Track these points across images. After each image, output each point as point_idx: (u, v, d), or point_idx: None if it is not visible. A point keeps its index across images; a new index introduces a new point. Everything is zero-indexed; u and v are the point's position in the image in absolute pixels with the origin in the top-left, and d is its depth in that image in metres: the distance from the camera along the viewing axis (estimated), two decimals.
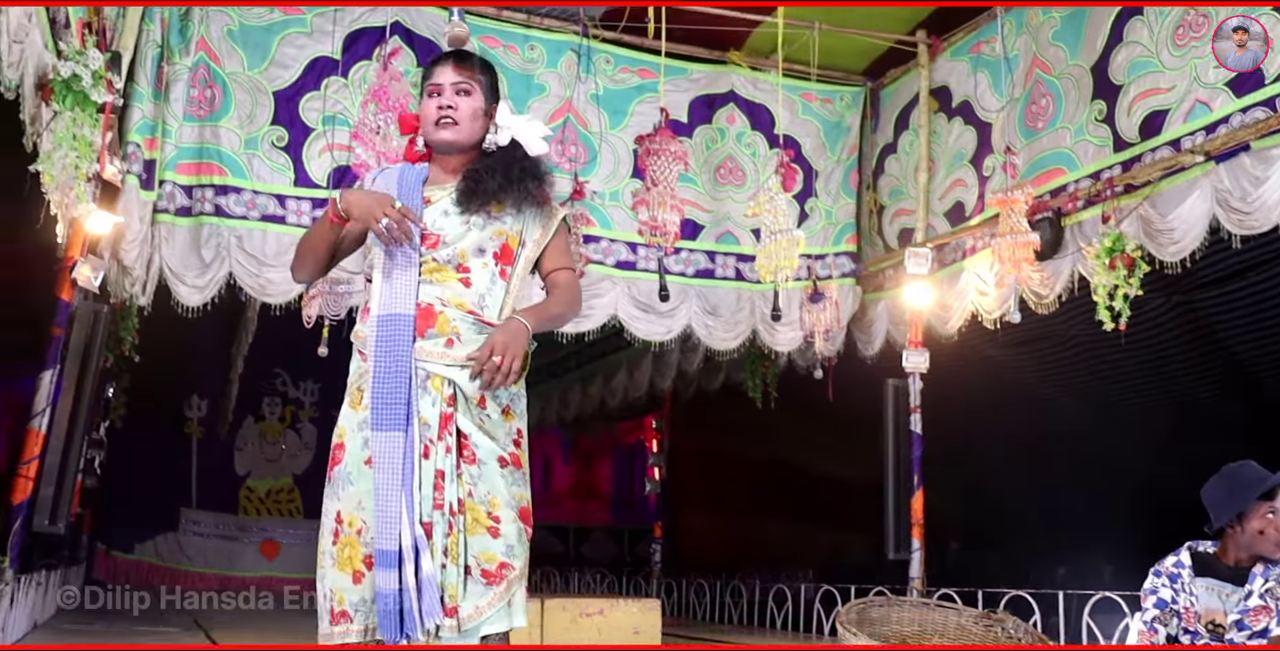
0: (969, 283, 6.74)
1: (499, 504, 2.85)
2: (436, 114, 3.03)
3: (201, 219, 6.36)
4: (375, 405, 2.79)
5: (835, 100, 7.74)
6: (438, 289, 2.91)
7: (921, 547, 6.96)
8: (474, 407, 2.89)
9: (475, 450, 2.86)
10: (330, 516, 2.84)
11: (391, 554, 2.71)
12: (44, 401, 5.52)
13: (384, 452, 2.77)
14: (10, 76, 4.07)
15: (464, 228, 2.97)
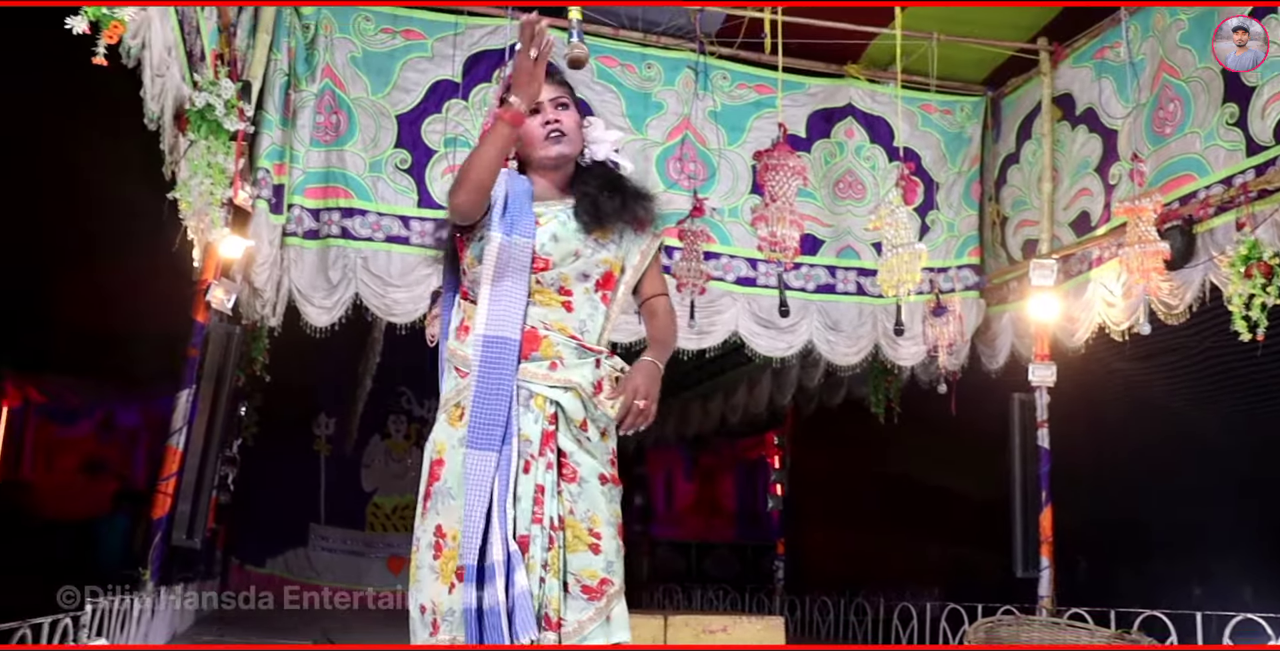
0: (1096, 294, 6.58)
1: (600, 520, 2.88)
2: (545, 129, 3.05)
3: (328, 241, 6.51)
4: (473, 424, 2.82)
5: (955, 111, 7.64)
6: (541, 311, 2.94)
7: (1051, 565, 6.80)
8: (575, 428, 2.92)
9: (576, 468, 2.89)
10: (431, 531, 2.87)
11: (471, 568, 2.74)
12: (181, 420, 5.68)
13: (475, 471, 2.79)
14: (153, 109, 4.21)
15: (572, 254, 2.99)
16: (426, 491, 2.93)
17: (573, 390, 2.91)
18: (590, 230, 3.02)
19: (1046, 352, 6.97)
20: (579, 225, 3.03)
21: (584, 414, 2.93)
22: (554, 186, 3.12)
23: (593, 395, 2.93)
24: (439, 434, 2.96)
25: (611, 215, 3.03)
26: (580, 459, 2.90)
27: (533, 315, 2.93)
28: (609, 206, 3.03)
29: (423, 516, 2.91)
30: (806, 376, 9.01)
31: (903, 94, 7.21)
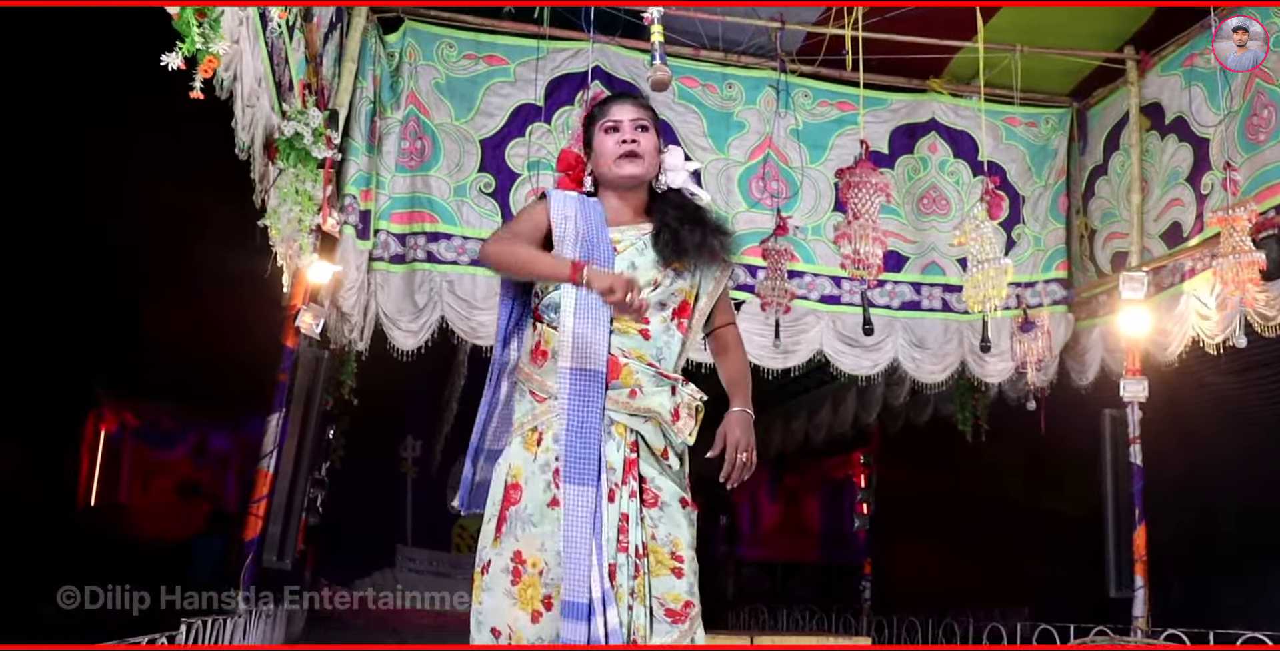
0: (1189, 306, 6.44)
1: (681, 544, 2.88)
2: (620, 149, 3.05)
3: (414, 265, 6.57)
4: (568, 457, 2.81)
5: (1040, 123, 7.54)
6: (620, 339, 2.94)
7: (1145, 585, 6.63)
8: (657, 456, 2.92)
9: (658, 492, 2.89)
10: (508, 556, 2.86)
11: (582, 606, 2.73)
12: (271, 443, 5.73)
13: (575, 505, 2.79)
14: (243, 139, 4.28)
15: (651, 284, 2.99)
16: (501, 514, 2.92)
17: (652, 419, 2.91)
18: (668, 262, 3.02)
19: (1138, 367, 6.82)
20: (657, 255, 3.03)
21: (664, 442, 2.93)
22: (628, 208, 3.12)
23: (671, 422, 2.93)
24: (514, 457, 2.96)
25: (691, 250, 3.03)
26: (661, 483, 2.90)
27: (612, 343, 2.93)
28: (689, 241, 3.03)
29: (496, 538, 2.90)
30: (892, 394, 8.92)
31: (986, 107, 7.13)
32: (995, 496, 10.09)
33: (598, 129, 3.12)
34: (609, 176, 3.10)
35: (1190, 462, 7.51)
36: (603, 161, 3.09)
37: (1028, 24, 6.84)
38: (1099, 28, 6.99)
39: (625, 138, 3.06)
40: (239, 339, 7.77)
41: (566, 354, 2.89)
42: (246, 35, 3.58)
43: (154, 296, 9.25)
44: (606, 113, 3.13)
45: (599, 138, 3.11)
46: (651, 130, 3.12)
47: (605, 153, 3.08)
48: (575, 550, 2.76)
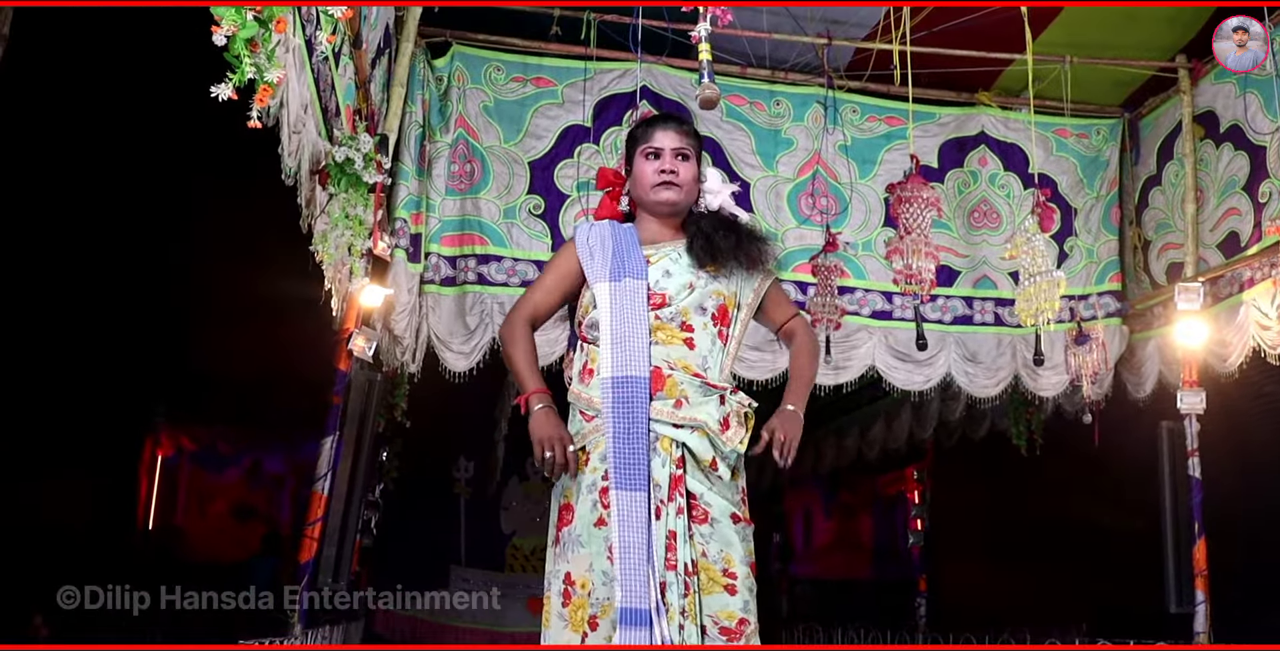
0: (1249, 316, 6.34)
1: (734, 561, 2.87)
2: (658, 177, 3.07)
3: (465, 288, 6.60)
4: (616, 465, 2.82)
5: (1091, 134, 7.47)
6: (664, 350, 2.95)
7: (1206, 600, 6.51)
8: (705, 469, 2.90)
9: (707, 509, 2.89)
10: (560, 578, 2.87)
11: (644, 612, 2.70)
12: (325, 466, 5.75)
13: (628, 512, 2.77)
14: (289, 164, 4.31)
15: (686, 287, 3.00)
16: (556, 536, 2.93)
17: (699, 430, 2.89)
18: (703, 265, 3.02)
19: (1195, 379, 6.72)
20: (691, 259, 3.04)
21: (712, 453, 2.92)
22: (666, 229, 3.13)
23: (719, 433, 2.91)
24: (568, 479, 2.96)
25: (725, 252, 3.05)
26: (710, 499, 2.89)
27: (656, 354, 2.94)
28: (723, 244, 3.06)
29: (554, 561, 2.91)
30: (947, 410, 8.84)
31: (1037, 119, 7.08)
32: (1051, 511, 9.97)
33: (639, 152, 3.14)
34: (646, 202, 3.12)
35: (1250, 474, 7.38)
36: (641, 187, 3.12)
37: (1076, 38, 6.79)
38: (1149, 39, 6.93)
39: (665, 167, 3.08)
40: (292, 363, 7.84)
41: (607, 364, 2.90)
42: (293, 63, 3.61)
43: (208, 322, 9.34)
44: (649, 136, 3.14)
45: (639, 162, 3.13)
46: (692, 159, 3.13)
47: (644, 179, 3.10)
48: (631, 556, 2.74)
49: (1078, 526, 9.66)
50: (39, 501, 9.80)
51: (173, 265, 8.77)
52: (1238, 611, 7.89)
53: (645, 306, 2.96)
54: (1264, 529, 7.56)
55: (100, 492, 11.29)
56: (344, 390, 5.89)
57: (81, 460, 10.34)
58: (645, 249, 3.09)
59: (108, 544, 10.83)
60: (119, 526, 12.08)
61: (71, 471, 10.17)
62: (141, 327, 9.48)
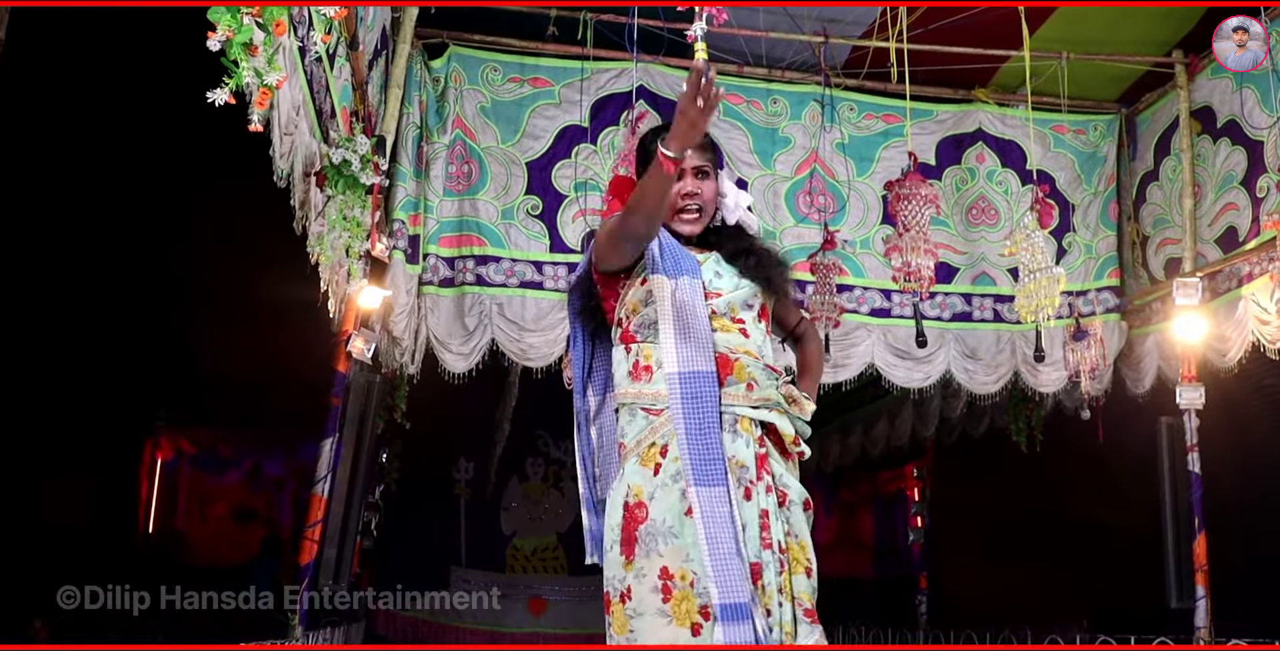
0: (1248, 311, 6.34)
1: (806, 545, 2.88)
2: (681, 203, 3.04)
3: (464, 289, 6.60)
4: (693, 461, 2.78)
5: (1089, 130, 7.47)
6: (724, 338, 2.95)
7: (1207, 595, 6.52)
8: (786, 447, 2.92)
9: (785, 491, 2.88)
10: (654, 574, 2.81)
11: (744, 606, 2.68)
12: (325, 468, 5.75)
13: (710, 507, 2.75)
14: (281, 166, 4.30)
15: (738, 287, 3.01)
16: (628, 536, 2.86)
17: (776, 408, 2.90)
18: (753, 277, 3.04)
19: (1194, 374, 6.73)
20: (736, 267, 3.07)
21: (793, 429, 2.92)
22: (690, 242, 3.14)
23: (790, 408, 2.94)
24: (633, 477, 2.91)
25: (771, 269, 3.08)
26: (789, 481, 2.91)
27: (719, 342, 2.93)
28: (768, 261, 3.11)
29: (629, 562, 2.85)
30: (948, 407, 8.84)
31: (1034, 116, 7.07)
32: (1051, 507, 9.97)
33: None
34: (665, 222, 3.07)
35: (1250, 469, 7.38)
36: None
37: (1073, 34, 6.80)
38: (1145, 34, 6.93)
39: (687, 190, 3.04)
40: (292, 365, 7.83)
41: (673, 360, 2.88)
42: (285, 65, 3.60)
43: (207, 325, 9.33)
44: None
45: None
46: (712, 175, 3.10)
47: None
48: (722, 551, 2.72)
49: (1078, 522, 9.66)
50: (40, 505, 9.81)
51: (172, 268, 8.75)
52: (1238, 606, 7.90)
53: (703, 301, 2.96)
54: (1264, 523, 7.55)
55: (101, 496, 11.31)
56: (343, 392, 5.89)
57: (82, 464, 10.34)
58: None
59: (108, 547, 10.83)
60: (120, 530, 12.09)
61: (72, 475, 10.18)
62: (141, 331, 9.47)
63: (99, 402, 10.11)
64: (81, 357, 9.57)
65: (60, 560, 8.32)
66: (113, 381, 10.11)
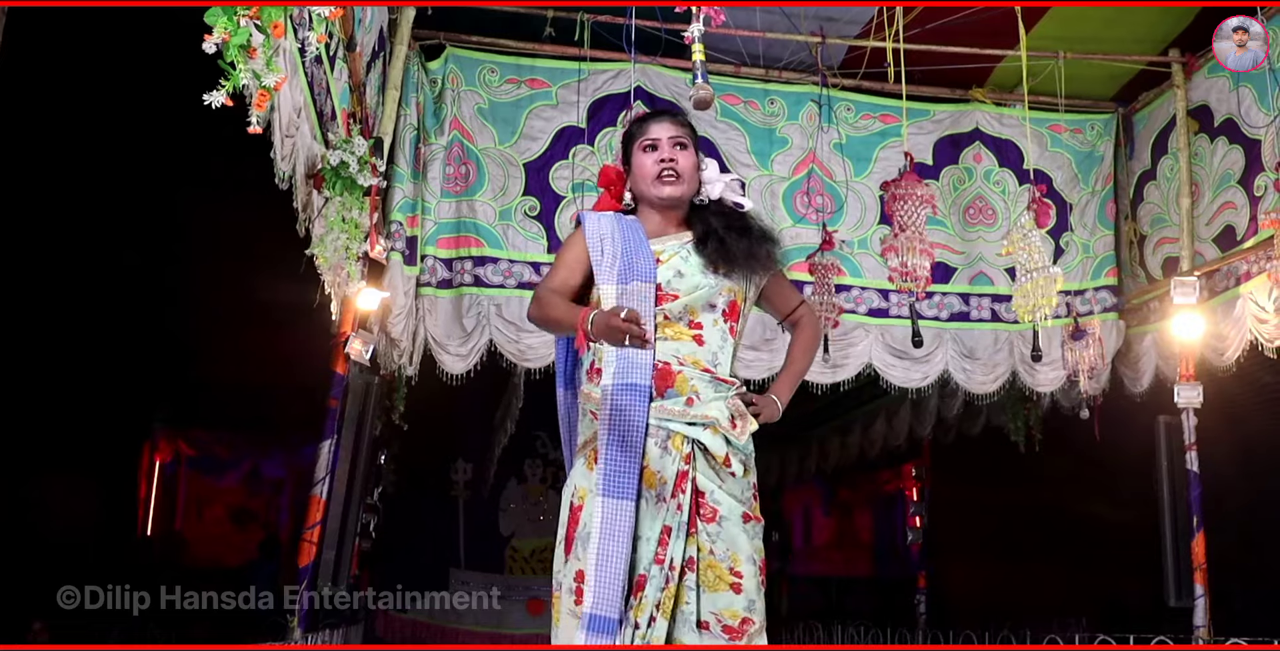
0: (1246, 310, 6.34)
1: (740, 559, 2.86)
2: (657, 168, 3.07)
3: (461, 290, 6.59)
4: (606, 471, 2.81)
5: (1086, 130, 7.47)
6: (674, 346, 2.94)
7: (1206, 594, 6.51)
8: (718, 466, 2.90)
9: (716, 507, 2.88)
10: (572, 577, 2.86)
11: (613, 621, 2.72)
12: (323, 469, 5.75)
13: (612, 520, 2.78)
14: (283, 169, 4.30)
15: (696, 286, 2.99)
16: (568, 535, 2.93)
17: (711, 426, 2.90)
18: (715, 267, 3.02)
19: (1192, 373, 6.73)
20: (702, 260, 3.03)
21: (725, 448, 2.91)
22: (669, 222, 3.14)
23: (731, 428, 2.92)
24: (578, 479, 2.97)
25: (740, 258, 3.04)
26: (720, 497, 2.89)
27: (665, 350, 2.93)
28: (737, 249, 3.03)
29: (564, 561, 2.91)
30: (945, 406, 8.85)
31: (1031, 115, 7.06)
32: (1050, 506, 10.00)
33: (636, 147, 3.14)
34: (648, 196, 3.11)
35: (1249, 468, 7.40)
36: (642, 180, 3.11)
37: (1069, 32, 6.79)
38: (1142, 32, 6.92)
39: (664, 156, 3.08)
40: (290, 367, 7.83)
41: (610, 370, 2.89)
42: (285, 66, 3.60)
43: (205, 327, 9.34)
44: (645, 131, 3.15)
45: (638, 156, 3.13)
46: (690, 147, 3.13)
47: (644, 172, 3.10)
48: (609, 565, 2.75)
49: (1076, 522, 9.69)
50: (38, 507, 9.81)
51: (169, 270, 8.76)
52: (1237, 604, 7.92)
53: (652, 308, 2.95)
54: (1263, 521, 7.58)
55: (99, 498, 11.30)
56: (341, 393, 5.89)
57: (80, 466, 10.35)
58: (653, 244, 3.08)
59: (107, 549, 10.83)
60: (118, 532, 12.08)
61: (70, 477, 10.18)
62: (139, 333, 9.48)
63: (97, 404, 10.12)
64: (80, 359, 9.58)
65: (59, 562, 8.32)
66: (111, 383, 10.12)
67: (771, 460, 12.75)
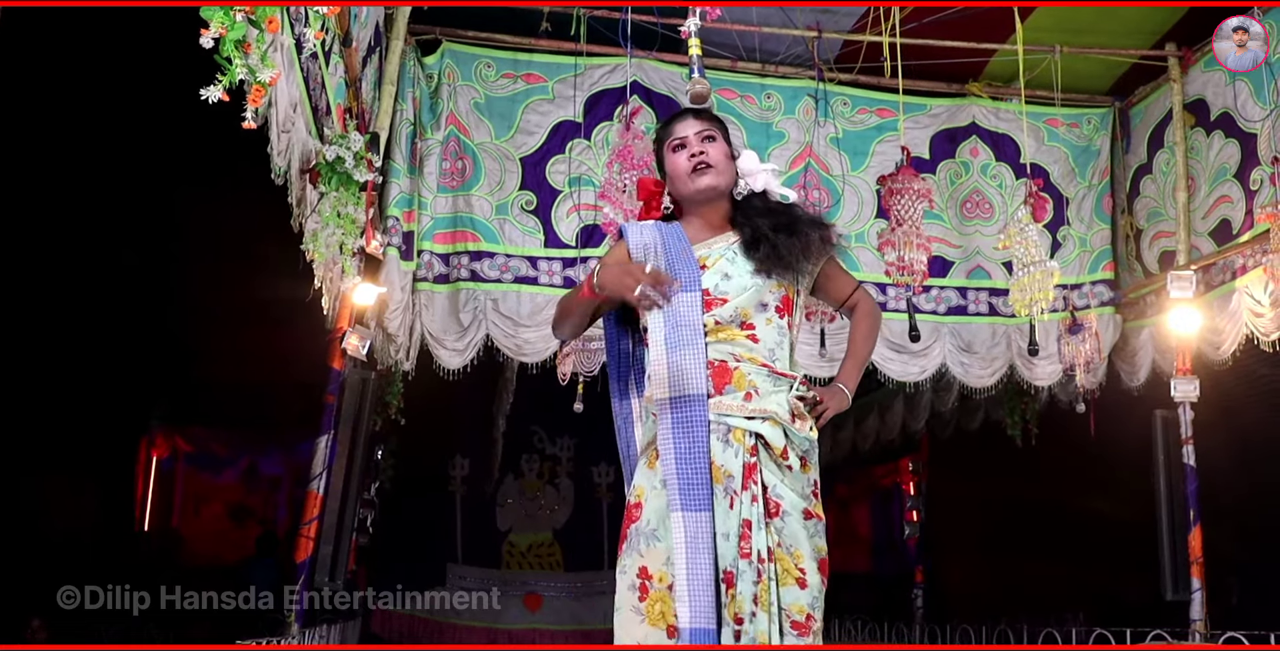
0: (1242, 304, 6.35)
1: (803, 556, 2.85)
2: (690, 163, 3.04)
3: (458, 285, 6.59)
4: (680, 486, 2.79)
5: (1082, 124, 7.47)
6: (728, 347, 2.92)
7: (1202, 588, 6.52)
8: (777, 459, 2.89)
9: (779, 501, 2.87)
10: (632, 573, 2.84)
11: (711, 632, 2.71)
12: (320, 465, 5.75)
13: (694, 534, 2.76)
14: (279, 164, 4.30)
15: (747, 289, 2.97)
16: (623, 533, 2.92)
17: (770, 419, 2.89)
18: (768, 270, 2.99)
19: (1188, 367, 6.73)
20: (752, 262, 3.00)
21: (784, 441, 2.90)
22: (712, 223, 3.10)
23: (790, 421, 2.91)
24: (640, 478, 2.96)
25: (792, 260, 3.00)
26: (782, 491, 2.88)
27: (720, 350, 2.91)
28: (788, 251, 2.99)
29: (622, 556, 2.90)
30: (939, 401, 8.85)
31: (1027, 109, 7.05)
32: (1047, 501, 9.99)
33: (666, 149, 3.12)
34: (686, 192, 3.09)
35: (1245, 461, 7.40)
36: (678, 179, 3.09)
37: (1065, 23, 6.79)
38: (1137, 23, 6.92)
39: (694, 151, 3.06)
40: (287, 363, 7.83)
41: (663, 383, 2.88)
42: (281, 62, 3.60)
43: (201, 324, 9.33)
44: (671, 132, 3.13)
45: (669, 158, 3.11)
46: (719, 139, 3.10)
47: (678, 170, 3.08)
48: (700, 577, 2.74)
49: (1073, 516, 9.69)
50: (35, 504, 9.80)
51: (166, 267, 8.75)
52: (1234, 598, 7.93)
53: (700, 320, 2.92)
54: (1259, 515, 7.59)
55: (96, 495, 11.29)
56: (338, 389, 5.89)
57: (77, 463, 10.34)
58: (697, 250, 3.05)
59: (105, 546, 10.83)
60: (116, 529, 12.08)
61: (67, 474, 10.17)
62: (136, 330, 9.47)
63: (94, 401, 10.10)
64: (76, 357, 9.57)
65: (56, 559, 8.33)
66: (108, 380, 10.11)
67: None
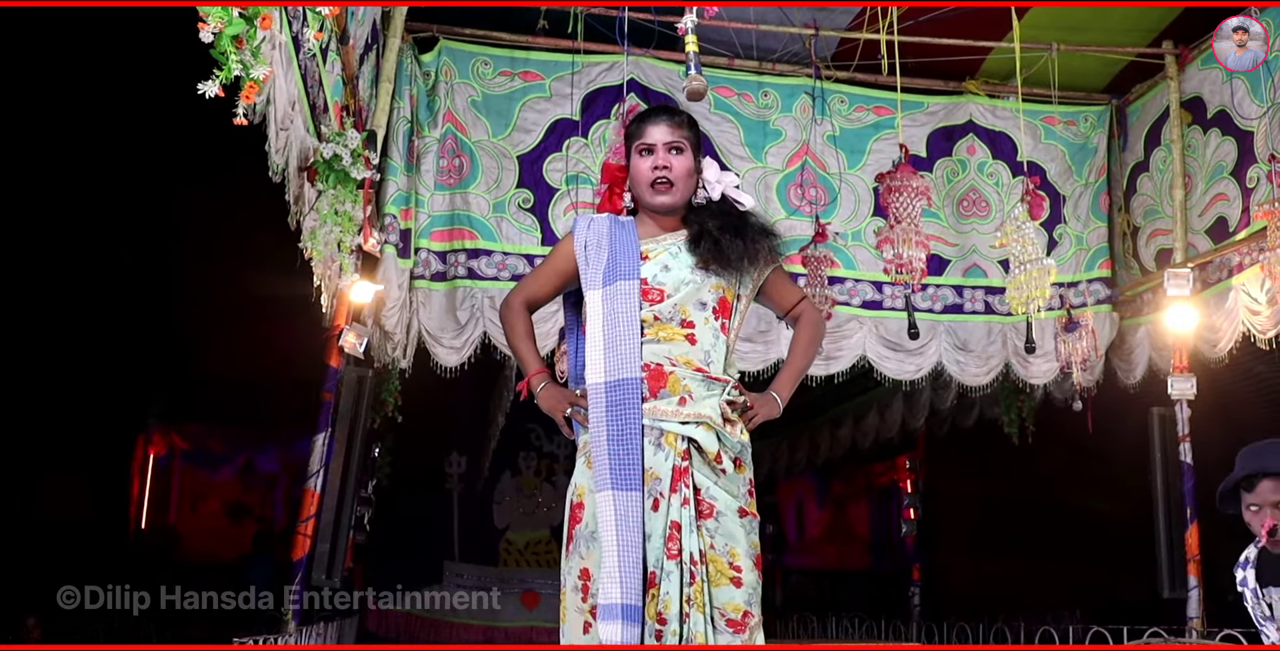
0: (1238, 301, 6.35)
1: (739, 554, 2.89)
2: (652, 175, 3.06)
3: (455, 282, 6.59)
4: (611, 466, 2.83)
5: (1079, 121, 7.47)
6: (665, 348, 2.95)
7: (1199, 585, 6.55)
8: (710, 462, 2.92)
9: (713, 503, 2.90)
10: (575, 574, 2.88)
11: (636, 609, 2.73)
12: (318, 463, 5.75)
13: (624, 511, 2.79)
14: (277, 161, 4.30)
15: (684, 282, 2.99)
16: (569, 533, 2.95)
17: (704, 424, 2.90)
18: (706, 265, 3.02)
19: (1185, 364, 6.74)
20: (693, 258, 3.03)
21: (717, 446, 2.92)
22: (665, 224, 3.13)
23: (723, 425, 2.93)
24: (579, 477, 3.00)
25: (736, 260, 3.04)
26: (715, 493, 2.90)
27: (656, 351, 2.94)
28: (733, 251, 3.04)
29: (567, 558, 2.93)
30: (938, 398, 8.85)
31: (1024, 107, 7.05)
32: (1044, 498, 10.00)
33: (634, 149, 3.13)
34: (644, 201, 3.12)
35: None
36: (638, 185, 3.12)
37: (1062, 21, 6.79)
38: (1134, 21, 6.92)
39: (658, 163, 3.07)
40: (284, 360, 7.83)
41: (599, 369, 2.91)
42: (279, 59, 3.60)
43: (199, 321, 9.33)
44: (642, 132, 3.13)
45: (635, 159, 3.12)
46: (687, 150, 3.11)
47: (640, 177, 3.10)
48: (631, 554, 2.76)
49: (1070, 513, 9.69)
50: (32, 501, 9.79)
51: (163, 264, 8.75)
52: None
53: (637, 307, 2.95)
54: None
55: (93, 492, 11.29)
56: (335, 387, 5.88)
57: (74, 460, 10.33)
58: (644, 244, 3.08)
59: (101, 543, 10.82)
60: (112, 526, 12.08)
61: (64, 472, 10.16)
62: (133, 327, 9.47)
63: (91, 399, 10.10)
64: (73, 354, 9.56)
65: (53, 556, 8.32)
66: (105, 377, 10.10)
67: (764, 453, 12.74)
